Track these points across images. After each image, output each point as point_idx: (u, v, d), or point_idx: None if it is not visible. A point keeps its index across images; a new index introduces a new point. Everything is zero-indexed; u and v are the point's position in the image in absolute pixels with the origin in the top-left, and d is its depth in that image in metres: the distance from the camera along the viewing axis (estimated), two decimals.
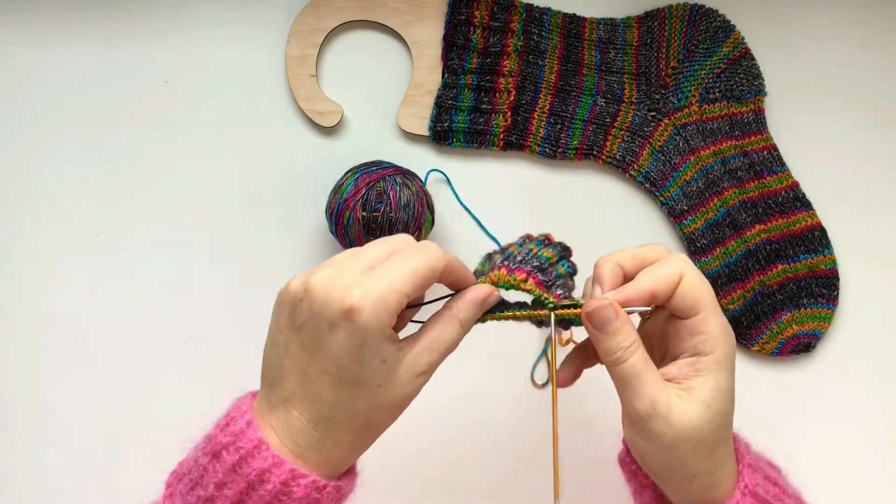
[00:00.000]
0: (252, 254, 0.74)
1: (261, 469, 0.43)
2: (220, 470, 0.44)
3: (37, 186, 0.75)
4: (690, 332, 0.47)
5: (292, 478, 0.43)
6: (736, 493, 0.48)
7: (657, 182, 0.74)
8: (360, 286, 0.43)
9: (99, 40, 0.75)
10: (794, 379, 0.74)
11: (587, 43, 0.75)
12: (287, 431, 0.45)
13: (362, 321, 0.42)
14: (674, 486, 0.48)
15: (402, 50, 0.76)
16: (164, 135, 0.75)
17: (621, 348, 0.46)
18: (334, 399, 0.44)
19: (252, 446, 0.44)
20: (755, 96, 0.75)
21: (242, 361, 0.74)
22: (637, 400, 0.46)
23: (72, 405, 0.73)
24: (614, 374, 0.47)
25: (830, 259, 0.73)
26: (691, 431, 0.46)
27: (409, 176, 0.69)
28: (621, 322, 0.47)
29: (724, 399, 0.47)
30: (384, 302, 0.43)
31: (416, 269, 0.44)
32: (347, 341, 0.43)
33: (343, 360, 0.43)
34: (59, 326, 0.73)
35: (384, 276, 0.44)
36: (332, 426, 0.44)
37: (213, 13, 0.76)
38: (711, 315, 0.47)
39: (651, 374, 0.46)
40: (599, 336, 0.47)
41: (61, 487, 0.73)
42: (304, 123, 0.75)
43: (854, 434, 0.73)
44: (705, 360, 0.47)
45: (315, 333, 0.44)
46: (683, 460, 0.46)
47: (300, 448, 0.44)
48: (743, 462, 0.49)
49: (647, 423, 0.46)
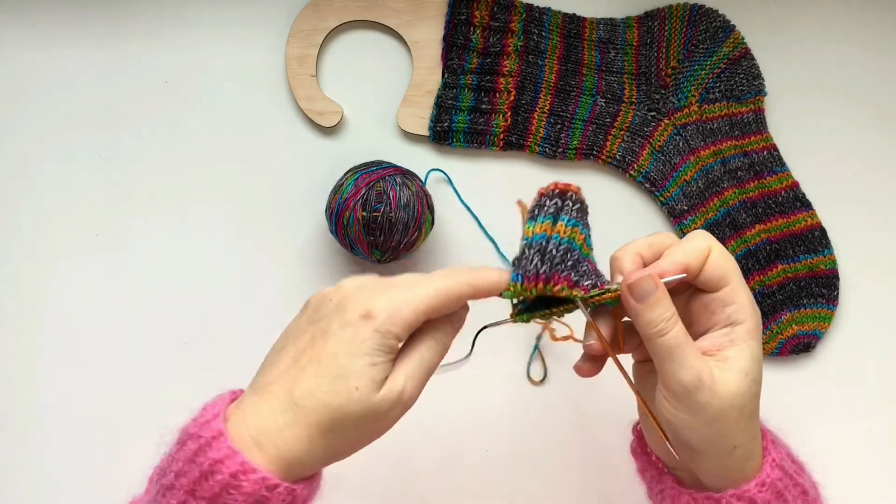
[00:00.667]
0: (252, 253, 0.74)
1: (214, 459, 0.43)
2: (181, 458, 0.45)
3: (37, 186, 0.75)
4: (722, 304, 0.48)
5: (242, 471, 0.43)
6: (765, 467, 0.48)
7: (657, 182, 0.74)
8: (386, 296, 0.46)
9: (99, 40, 0.75)
10: (794, 379, 0.74)
11: (587, 43, 0.76)
12: (254, 414, 0.45)
13: (375, 325, 0.45)
14: (712, 460, 0.48)
15: (402, 50, 0.76)
16: (164, 135, 0.75)
17: (663, 319, 0.46)
18: (311, 387, 0.44)
19: (211, 436, 0.44)
20: (755, 96, 0.75)
21: (242, 361, 0.74)
22: (682, 371, 0.46)
23: (71, 405, 0.73)
24: (656, 348, 0.47)
25: (830, 259, 0.73)
26: (734, 400, 0.46)
27: (409, 176, 0.69)
28: (661, 293, 0.47)
29: (759, 368, 0.48)
30: (401, 314, 0.45)
31: (438, 289, 0.46)
32: (351, 336, 0.45)
33: (339, 351, 0.44)
34: (59, 326, 0.73)
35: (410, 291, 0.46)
36: (297, 415, 0.44)
37: (213, 13, 0.76)
38: (741, 285, 0.48)
39: (692, 346, 0.47)
40: (640, 308, 0.47)
41: (61, 487, 0.73)
42: (304, 123, 0.75)
43: (854, 434, 0.73)
44: (739, 329, 0.47)
45: (327, 326, 0.46)
46: (726, 431, 0.47)
47: (260, 433, 0.44)
48: (766, 437, 0.50)
49: (693, 395, 0.46)
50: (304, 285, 0.74)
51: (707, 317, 0.49)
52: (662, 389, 0.48)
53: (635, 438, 0.56)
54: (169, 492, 0.45)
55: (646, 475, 0.55)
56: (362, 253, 0.68)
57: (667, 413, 0.48)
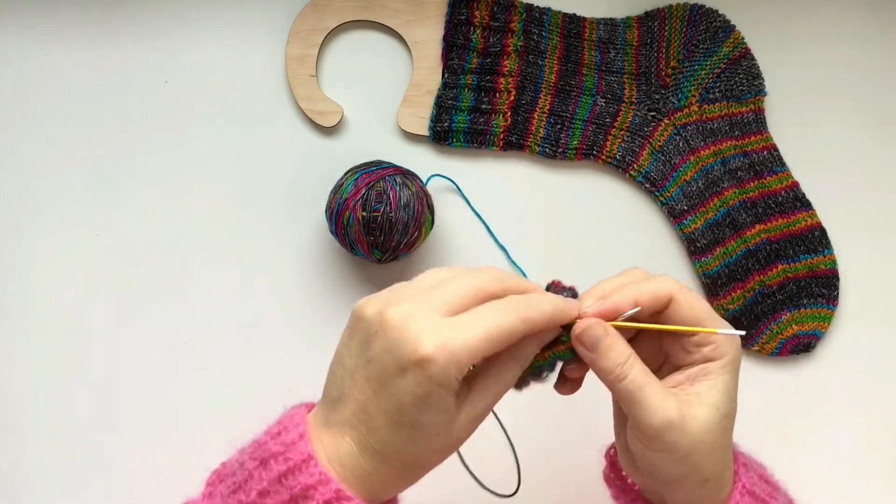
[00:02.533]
0: (252, 253, 0.74)
1: (306, 484, 0.42)
2: (266, 478, 0.43)
3: (37, 187, 0.75)
4: (697, 345, 0.47)
5: (336, 498, 0.42)
6: (735, 494, 0.48)
7: (657, 182, 0.74)
8: (437, 334, 0.42)
9: (99, 40, 0.75)
10: (794, 379, 0.74)
11: (587, 43, 0.76)
12: (337, 453, 0.44)
13: (432, 373, 0.41)
14: (683, 492, 0.48)
15: (402, 50, 0.76)
16: (163, 135, 0.75)
17: (618, 364, 0.45)
18: (389, 438, 0.43)
19: (301, 459, 0.43)
20: (755, 96, 0.75)
21: (243, 361, 0.74)
22: (648, 414, 0.45)
23: (71, 405, 0.73)
24: (618, 393, 0.46)
25: (830, 259, 0.73)
26: (705, 436, 0.45)
27: (409, 176, 0.69)
28: (612, 338, 0.46)
29: (730, 401, 0.47)
30: (458, 359, 0.41)
31: (502, 327, 0.43)
32: (414, 389, 0.42)
33: (406, 404, 0.42)
34: (59, 326, 0.73)
35: (464, 331, 0.42)
36: (381, 461, 0.44)
37: (213, 13, 0.76)
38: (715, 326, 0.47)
39: (655, 385, 0.45)
40: (594, 357, 0.46)
41: (61, 487, 0.73)
42: (304, 123, 0.75)
43: (854, 434, 0.73)
44: (714, 365, 0.47)
45: (383, 371, 0.43)
46: (697, 466, 0.46)
47: (346, 472, 0.44)
48: (738, 461, 0.49)
49: (661, 436, 0.45)
50: (305, 285, 0.74)
51: (683, 355, 0.48)
52: (632, 429, 0.47)
53: (608, 465, 0.55)
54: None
55: (619, 502, 0.55)
56: (362, 253, 0.68)
57: (637, 450, 0.47)
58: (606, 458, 0.55)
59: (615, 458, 0.54)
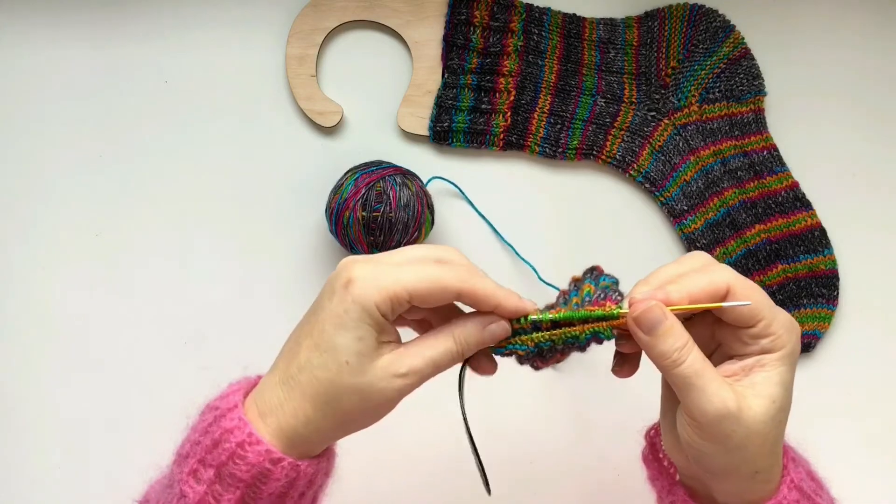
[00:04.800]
0: (252, 253, 0.74)
1: (225, 428, 0.45)
2: (199, 429, 0.46)
3: (37, 187, 0.75)
4: (755, 337, 0.46)
5: (248, 441, 0.44)
6: (783, 488, 0.47)
7: (657, 182, 0.74)
8: (370, 267, 0.45)
9: (99, 41, 0.75)
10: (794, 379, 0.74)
11: (587, 43, 0.76)
12: (261, 390, 0.46)
13: (353, 291, 0.44)
14: (732, 483, 0.47)
15: (402, 50, 0.76)
16: (164, 135, 0.75)
17: (676, 349, 0.44)
18: (304, 360, 0.45)
19: (227, 407, 0.46)
20: (755, 96, 0.75)
21: (243, 361, 0.74)
22: (703, 401, 0.44)
23: (71, 405, 0.73)
24: (673, 378, 0.45)
25: (830, 259, 0.73)
26: (759, 427, 0.44)
27: (409, 176, 0.69)
28: (671, 322, 0.45)
29: (787, 394, 0.46)
30: (378, 283, 0.44)
31: (429, 275, 0.45)
32: (335, 308, 0.44)
33: (326, 324, 0.44)
34: (59, 327, 0.73)
35: (395, 268, 0.45)
36: (293, 389, 0.45)
37: (213, 13, 0.76)
38: (774, 317, 0.46)
39: (713, 372, 0.44)
40: (650, 341, 0.45)
41: (61, 487, 0.73)
42: (304, 123, 0.75)
43: (854, 434, 0.73)
44: (771, 356, 0.46)
45: (320, 300, 0.46)
46: (749, 458, 0.45)
47: (264, 405, 0.45)
48: (787, 455, 0.48)
49: (716, 424, 0.44)
50: (304, 285, 0.74)
51: (739, 346, 0.46)
52: (684, 415, 0.46)
53: (647, 445, 0.54)
54: (184, 461, 0.46)
55: (656, 484, 0.54)
56: (362, 253, 0.68)
57: (687, 437, 0.46)
58: (646, 438, 0.54)
59: (656, 439, 0.53)
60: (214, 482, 0.44)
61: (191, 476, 0.45)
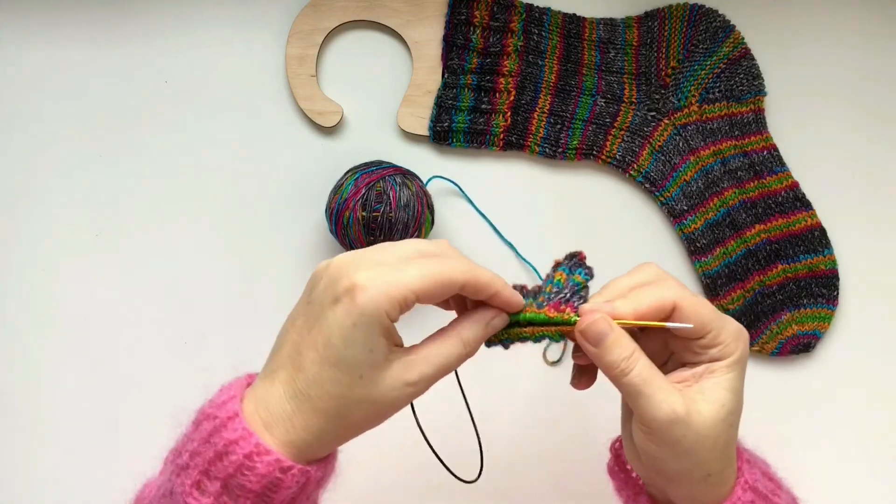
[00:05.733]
0: (252, 253, 0.74)
1: (229, 440, 0.43)
2: (197, 438, 0.45)
3: (37, 186, 0.75)
4: (704, 347, 0.47)
5: (257, 452, 0.43)
6: (737, 490, 0.48)
7: (657, 182, 0.74)
8: (372, 270, 0.43)
9: (99, 40, 0.75)
10: (794, 379, 0.74)
11: (587, 43, 0.76)
12: (265, 400, 0.45)
13: (360, 301, 0.42)
14: (685, 487, 0.48)
15: (402, 50, 0.76)
16: (164, 135, 0.75)
17: (623, 359, 0.46)
18: (313, 375, 0.43)
19: (227, 416, 0.44)
20: (755, 96, 0.75)
21: (242, 361, 0.74)
22: (653, 407, 0.45)
23: (71, 405, 0.73)
24: (622, 387, 0.46)
25: (830, 259, 0.73)
26: (709, 431, 0.45)
27: (409, 176, 0.69)
28: (616, 334, 0.46)
29: (736, 399, 0.47)
30: (387, 290, 0.42)
31: (432, 273, 0.44)
32: (342, 318, 0.43)
33: (333, 336, 0.43)
34: (59, 326, 0.73)
35: (398, 270, 0.43)
36: (303, 403, 0.44)
37: (213, 13, 0.76)
38: (722, 327, 0.47)
39: (661, 380, 0.46)
40: (598, 352, 0.46)
41: (61, 487, 0.73)
42: (304, 123, 0.75)
43: (854, 434, 0.73)
44: (720, 364, 0.47)
45: (320, 306, 0.44)
46: (700, 461, 0.46)
47: (270, 418, 0.44)
48: (741, 457, 0.50)
49: (666, 430, 0.45)
50: (304, 285, 0.74)
51: (689, 355, 0.48)
52: (636, 423, 0.47)
53: (612, 457, 0.55)
54: (184, 472, 0.45)
55: (622, 494, 0.55)
56: None
57: (641, 443, 0.47)
58: (611, 450, 0.55)
59: (620, 451, 0.54)
60: (222, 494, 0.44)
61: (194, 488, 0.44)
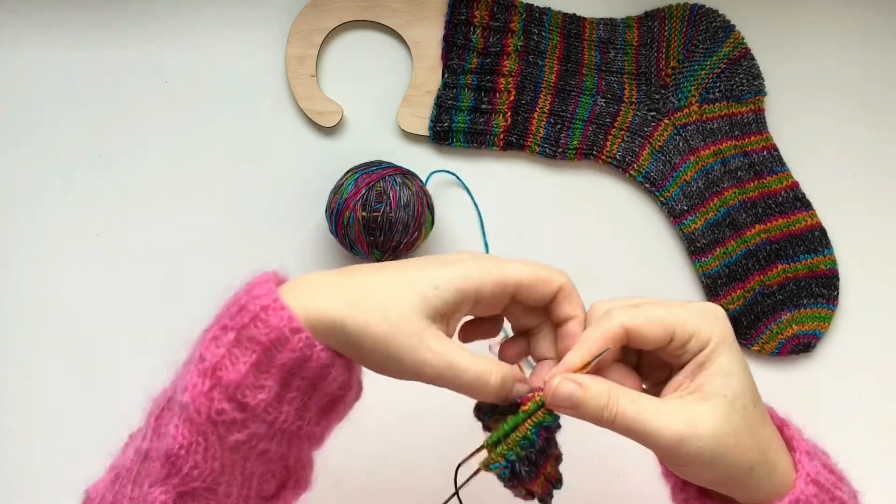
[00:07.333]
0: (252, 254, 0.74)
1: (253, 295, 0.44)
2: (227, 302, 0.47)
3: (37, 186, 0.75)
4: (679, 347, 0.45)
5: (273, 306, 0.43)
6: (799, 482, 0.46)
7: (657, 182, 0.74)
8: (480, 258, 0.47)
9: (99, 41, 0.75)
10: (793, 379, 0.74)
11: (587, 43, 0.76)
12: (307, 276, 0.47)
13: (440, 278, 0.45)
14: (734, 486, 0.46)
15: (402, 50, 0.76)
16: (164, 135, 0.75)
17: (602, 407, 0.44)
18: (371, 286, 0.45)
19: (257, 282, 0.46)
20: (755, 96, 0.75)
21: None
22: (655, 438, 0.43)
23: (70, 405, 0.73)
24: (618, 432, 0.44)
25: (830, 259, 0.73)
26: (723, 428, 0.43)
27: (409, 176, 0.69)
28: (584, 388, 0.44)
29: (736, 381, 0.44)
30: (489, 271, 0.46)
31: (533, 270, 0.46)
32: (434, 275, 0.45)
33: (409, 270, 0.46)
34: (59, 327, 0.73)
35: (501, 261, 0.47)
36: (339, 275, 0.46)
37: (213, 13, 0.76)
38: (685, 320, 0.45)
39: (650, 407, 0.44)
40: (578, 413, 0.44)
41: (60, 487, 0.72)
42: (304, 123, 0.75)
43: (854, 434, 0.73)
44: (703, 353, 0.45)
45: (423, 260, 0.47)
46: (734, 460, 0.44)
47: (298, 287, 0.46)
48: (800, 450, 0.47)
49: (680, 450, 0.43)
50: None
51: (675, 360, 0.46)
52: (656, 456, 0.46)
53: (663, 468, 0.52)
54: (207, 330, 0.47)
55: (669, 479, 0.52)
56: (362, 253, 0.69)
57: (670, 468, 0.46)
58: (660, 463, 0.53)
59: None
60: (233, 345, 0.44)
61: (212, 342, 0.45)
